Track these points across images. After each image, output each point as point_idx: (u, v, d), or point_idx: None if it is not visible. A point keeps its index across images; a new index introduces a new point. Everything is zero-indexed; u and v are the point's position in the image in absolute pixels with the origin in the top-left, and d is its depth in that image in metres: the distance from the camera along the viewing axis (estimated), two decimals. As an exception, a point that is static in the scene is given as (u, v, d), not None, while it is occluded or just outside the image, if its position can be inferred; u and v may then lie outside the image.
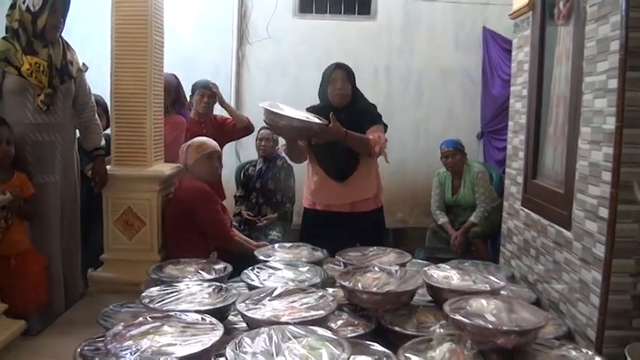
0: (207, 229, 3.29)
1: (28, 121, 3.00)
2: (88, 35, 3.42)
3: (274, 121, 3.12)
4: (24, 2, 2.95)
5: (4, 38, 3.01)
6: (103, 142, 3.40)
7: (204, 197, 3.28)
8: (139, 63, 3.35)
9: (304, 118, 3.16)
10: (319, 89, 3.48)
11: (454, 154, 4.63)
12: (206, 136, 3.77)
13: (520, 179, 3.37)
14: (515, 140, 3.53)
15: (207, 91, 4.34)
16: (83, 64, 3.30)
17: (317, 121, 3.17)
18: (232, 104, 5.58)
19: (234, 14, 5.61)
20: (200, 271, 2.82)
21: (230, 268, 2.89)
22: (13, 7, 3.02)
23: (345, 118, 3.26)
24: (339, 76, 3.37)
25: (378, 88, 5.64)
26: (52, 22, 3.00)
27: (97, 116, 3.39)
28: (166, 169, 3.45)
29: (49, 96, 3.04)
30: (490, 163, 5.43)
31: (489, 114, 5.57)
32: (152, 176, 3.37)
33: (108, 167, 3.39)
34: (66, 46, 3.19)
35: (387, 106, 5.51)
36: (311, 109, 3.41)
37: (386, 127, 3.47)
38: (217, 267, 2.88)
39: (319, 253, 3.09)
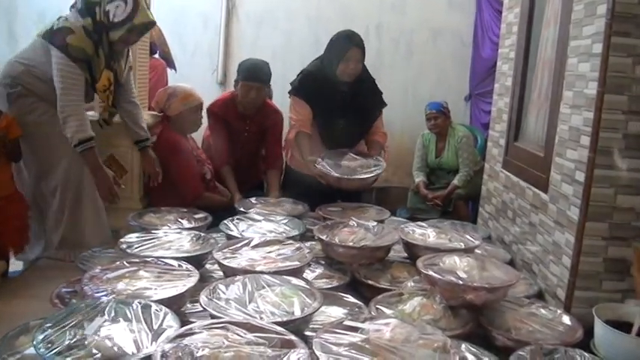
0: (176, 182, 3.27)
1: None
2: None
3: (336, 181, 3.10)
4: (107, 4, 2.76)
5: (86, 33, 2.74)
6: (147, 134, 3.23)
7: (177, 150, 3.24)
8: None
9: (361, 176, 3.11)
10: (326, 56, 3.32)
11: (438, 117, 4.62)
12: (249, 134, 3.63)
13: (502, 142, 3.39)
14: (500, 103, 3.53)
15: (256, 84, 3.47)
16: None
17: (372, 174, 3.14)
18: (220, 56, 5.55)
19: (225, -38, 5.51)
20: (180, 220, 2.84)
21: (210, 218, 2.91)
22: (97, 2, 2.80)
23: (350, 93, 3.24)
24: (355, 56, 3.21)
25: (369, 46, 5.43)
26: (125, 39, 2.82)
27: (140, 110, 3.25)
28: (149, 117, 3.42)
29: (112, 115, 3.03)
30: (476, 126, 5.44)
31: (478, 76, 5.55)
32: (135, 124, 3.34)
33: (90, 113, 3.35)
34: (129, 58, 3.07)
35: (377, 65, 5.46)
36: (308, 74, 3.32)
37: (384, 106, 3.49)
38: (197, 216, 2.90)
39: (300, 207, 3.12)
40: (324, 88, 3.23)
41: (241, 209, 3.02)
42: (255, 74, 3.44)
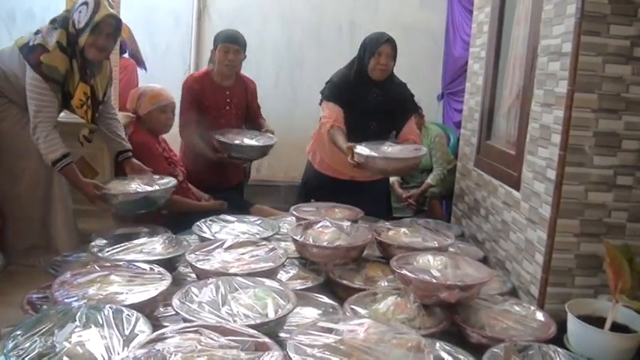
0: None
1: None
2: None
3: (372, 163, 2.93)
4: (72, 15, 2.76)
5: (60, 48, 2.73)
6: (129, 144, 3.15)
7: (145, 151, 3.17)
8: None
9: (405, 156, 3.01)
10: (358, 55, 3.33)
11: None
12: (231, 107, 3.61)
13: (474, 140, 3.41)
14: (472, 102, 3.56)
15: (234, 46, 3.50)
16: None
17: (418, 154, 3.05)
18: (192, 55, 5.51)
19: (196, -40, 5.45)
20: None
21: (173, 181, 2.90)
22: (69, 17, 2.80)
23: (381, 93, 3.25)
24: (387, 51, 3.23)
25: (341, 43, 5.58)
26: (92, 42, 2.76)
27: (121, 123, 3.19)
28: (122, 118, 3.37)
29: (92, 132, 2.95)
30: (449, 125, 5.47)
31: (450, 75, 5.58)
32: (105, 125, 3.29)
33: (61, 115, 3.30)
34: (111, 75, 3.04)
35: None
36: (339, 78, 3.33)
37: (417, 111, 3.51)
38: (161, 181, 2.90)
39: (356, 212, 3.07)
40: (355, 90, 3.25)
41: (295, 214, 2.96)
42: (233, 37, 3.52)
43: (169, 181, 2.93)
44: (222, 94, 3.59)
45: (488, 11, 3.41)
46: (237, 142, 3.41)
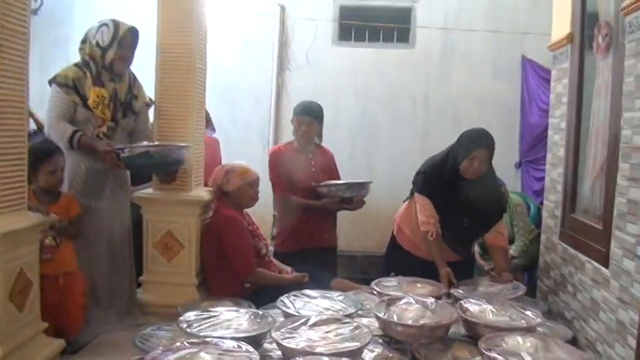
0: (230, 258, 3.29)
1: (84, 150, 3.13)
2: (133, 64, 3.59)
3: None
4: (94, 37, 3.17)
5: (75, 65, 3.19)
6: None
7: (231, 225, 3.30)
8: (182, 90, 3.43)
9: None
10: (453, 148, 3.30)
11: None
12: (314, 168, 3.82)
13: (558, 212, 3.35)
14: (554, 173, 3.51)
15: (307, 118, 3.79)
16: (150, 99, 3.47)
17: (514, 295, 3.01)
18: (272, 132, 5.72)
19: (274, 42, 5.73)
20: None
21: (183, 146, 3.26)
22: (84, 41, 3.23)
23: (467, 189, 3.21)
24: (481, 156, 3.17)
25: (416, 115, 5.67)
26: (120, 55, 3.18)
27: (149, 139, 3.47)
28: (206, 193, 3.52)
29: (112, 129, 3.21)
30: (528, 193, 5.37)
31: (527, 143, 5.53)
32: (192, 201, 3.43)
33: (149, 191, 3.48)
34: (133, 81, 3.37)
35: (425, 135, 5.57)
36: (430, 171, 3.35)
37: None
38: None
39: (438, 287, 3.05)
40: (446, 184, 3.24)
41: (376, 290, 2.98)
42: (307, 109, 3.81)
43: (182, 146, 3.24)
44: (306, 157, 3.83)
45: (566, 83, 3.41)
46: (341, 182, 3.75)
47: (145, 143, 3.18)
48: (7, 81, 2.28)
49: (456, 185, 3.21)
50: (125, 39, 3.19)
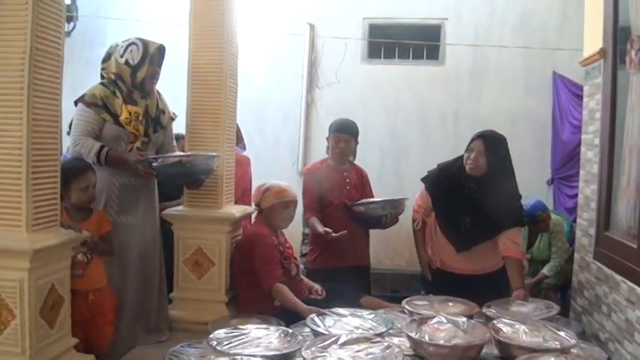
0: (257, 272, 3.27)
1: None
2: (163, 81, 3.63)
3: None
4: (122, 56, 3.19)
5: (101, 84, 3.21)
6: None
7: (260, 240, 3.30)
8: (213, 108, 3.46)
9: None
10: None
11: (546, 219, 4.43)
12: (349, 186, 3.82)
13: (592, 231, 3.29)
14: (587, 190, 3.46)
15: (344, 136, 3.80)
16: (173, 113, 3.52)
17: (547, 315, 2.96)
18: (301, 149, 5.75)
19: (304, 60, 5.79)
20: None
21: (214, 156, 3.27)
22: (105, 60, 3.27)
23: (477, 190, 3.23)
24: (477, 147, 3.25)
25: (446, 132, 5.65)
26: (151, 73, 3.23)
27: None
28: (236, 211, 3.54)
29: (145, 144, 3.26)
30: (560, 211, 5.30)
31: (559, 160, 5.47)
32: (223, 218, 3.45)
33: (180, 208, 3.51)
34: (159, 96, 3.42)
35: (456, 152, 5.46)
36: (442, 167, 3.47)
37: (524, 225, 3.43)
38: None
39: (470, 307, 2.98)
40: (451, 180, 3.32)
41: (407, 308, 2.93)
42: (344, 126, 3.81)
43: (213, 155, 3.26)
44: (341, 175, 3.81)
45: (599, 98, 3.36)
46: (377, 200, 3.75)
47: (177, 153, 3.29)
48: (42, 101, 2.33)
49: (461, 184, 3.27)
50: (154, 56, 3.23)
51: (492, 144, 3.25)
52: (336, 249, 3.66)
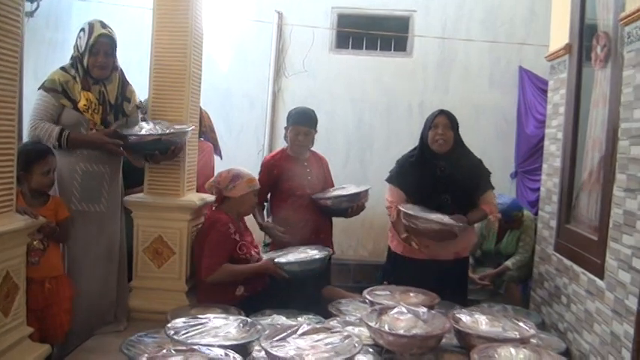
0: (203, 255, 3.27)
1: (79, 152, 3.08)
2: (128, 65, 3.52)
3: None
4: (76, 40, 3.13)
5: (61, 69, 3.13)
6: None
7: (217, 228, 3.26)
8: (176, 95, 3.40)
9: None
10: (421, 132, 3.46)
11: (521, 218, 4.37)
12: (310, 175, 3.79)
13: (553, 223, 3.32)
14: (549, 183, 3.49)
15: (304, 129, 3.74)
16: (140, 101, 3.42)
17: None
18: (266, 135, 5.69)
19: (271, 48, 5.71)
20: None
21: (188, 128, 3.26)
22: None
23: (448, 166, 3.29)
24: (442, 122, 3.34)
25: (411, 123, 5.62)
26: (93, 62, 3.09)
27: None
28: (198, 199, 3.47)
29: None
30: (523, 204, 5.34)
31: (523, 153, 5.51)
32: (184, 206, 3.39)
33: (140, 195, 3.44)
34: (124, 83, 3.31)
35: (420, 143, 5.52)
36: (403, 158, 3.48)
37: (493, 188, 3.48)
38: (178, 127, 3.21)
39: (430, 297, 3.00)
40: (419, 167, 3.34)
41: (368, 298, 2.93)
42: (303, 118, 3.77)
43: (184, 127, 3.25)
44: (302, 165, 3.79)
45: (563, 93, 3.39)
46: (344, 193, 3.72)
47: (149, 126, 3.22)
48: (-2, 81, 2.25)
49: (431, 165, 3.31)
50: (96, 45, 3.08)
51: (453, 117, 3.38)
52: (300, 239, 3.62)
